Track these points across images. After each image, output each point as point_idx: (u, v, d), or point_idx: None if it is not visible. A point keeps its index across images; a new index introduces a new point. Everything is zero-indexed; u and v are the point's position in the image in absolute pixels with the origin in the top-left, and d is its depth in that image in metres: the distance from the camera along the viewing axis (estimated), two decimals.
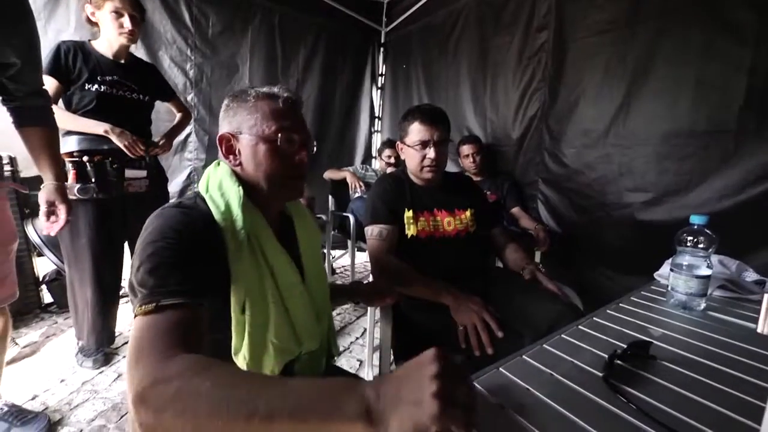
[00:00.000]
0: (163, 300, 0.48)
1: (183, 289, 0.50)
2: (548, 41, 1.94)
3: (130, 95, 1.47)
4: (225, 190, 0.63)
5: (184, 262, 0.53)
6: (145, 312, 0.48)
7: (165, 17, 2.32)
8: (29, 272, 2.01)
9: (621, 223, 1.69)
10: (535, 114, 2.06)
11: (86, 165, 1.39)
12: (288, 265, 0.67)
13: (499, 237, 1.30)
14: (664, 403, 0.46)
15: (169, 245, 0.53)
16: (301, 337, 0.68)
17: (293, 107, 0.68)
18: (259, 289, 0.62)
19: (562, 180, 1.94)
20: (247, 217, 0.62)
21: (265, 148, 0.65)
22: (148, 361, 0.42)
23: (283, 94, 0.67)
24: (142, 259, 0.52)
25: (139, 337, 0.46)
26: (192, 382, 0.38)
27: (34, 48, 1.02)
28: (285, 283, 0.66)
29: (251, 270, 0.61)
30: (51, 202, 1.09)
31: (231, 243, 0.59)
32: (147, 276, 0.51)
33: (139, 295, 0.50)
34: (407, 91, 3.05)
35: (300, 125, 0.68)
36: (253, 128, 0.65)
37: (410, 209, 1.16)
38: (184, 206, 0.61)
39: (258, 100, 0.65)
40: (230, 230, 0.60)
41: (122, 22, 1.38)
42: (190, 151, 2.54)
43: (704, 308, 0.74)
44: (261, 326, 0.62)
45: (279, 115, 0.65)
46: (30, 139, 1.06)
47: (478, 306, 0.94)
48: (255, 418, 0.35)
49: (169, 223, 0.56)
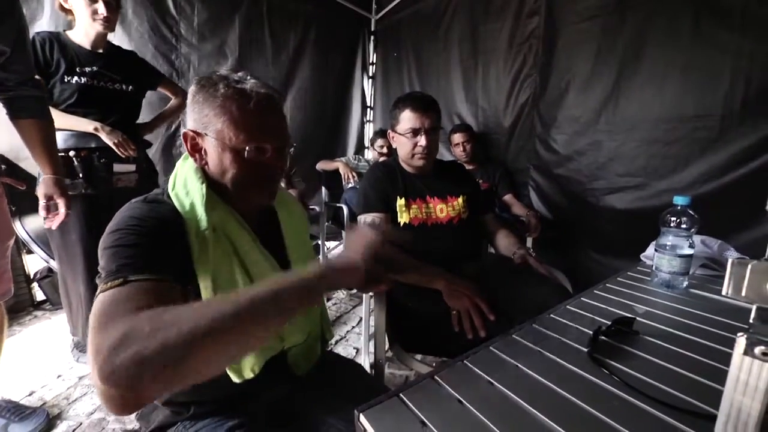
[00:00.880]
0: (131, 276, 0.46)
1: (150, 266, 0.49)
2: (539, 27, 1.94)
3: (113, 86, 1.43)
4: (189, 189, 0.61)
5: (150, 245, 0.52)
6: (111, 286, 0.45)
7: (147, 4, 2.25)
8: (20, 270, 1.99)
9: (610, 207, 1.73)
10: (526, 101, 2.06)
11: (73, 160, 1.37)
12: (261, 258, 0.65)
13: (490, 223, 1.33)
14: (646, 375, 0.49)
15: (132, 231, 0.52)
16: (282, 332, 0.66)
17: (268, 108, 0.61)
18: (230, 286, 0.60)
19: (552, 166, 1.96)
20: (214, 216, 0.60)
21: (231, 157, 0.60)
22: (114, 323, 0.39)
23: (259, 90, 0.59)
24: (106, 244, 0.51)
25: (104, 305, 0.43)
26: (164, 318, 0.37)
27: (23, 35, 1.00)
28: (259, 278, 0.63)
29: (221, 266, 0.60)
30: (50, 196, 1.08)
31: (194, 242, 0.57)
32: (110, 259, 0.49)
33: (102, 273, 0.48)
34: (399, 79, 3.02)
35: (274, 131, 0.62)
36: (220, 133, 0.59)
37: (402, 197, 1.17)
38: (150, 200, 0.60)
39: (226, 99, 0.58)
40: (194, 229, 0.58)
41: (96, 8, 1.32)
42: (178, 146, 2.50)
43: (686, 286, 0.77)
44: None
45: (248, 122, 0.58)
46: (26, 131, 1.05)
47: (470, 290, 0.96)
48: (241, 315, 0.38)
49: (134, 213, 0.55)
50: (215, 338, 0.37)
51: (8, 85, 1.01)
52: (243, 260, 0.62)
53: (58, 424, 1.24)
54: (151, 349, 0.35)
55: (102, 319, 0.41)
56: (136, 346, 0.35)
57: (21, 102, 1.03)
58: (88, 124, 1.36)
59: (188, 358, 0.36)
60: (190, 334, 0.36)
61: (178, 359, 0.35)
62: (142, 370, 0.34)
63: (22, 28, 1.00)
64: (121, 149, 1.40)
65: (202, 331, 0.36)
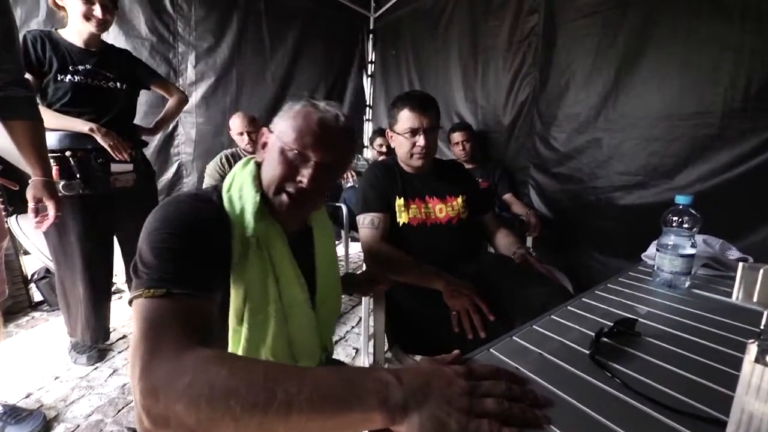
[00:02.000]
0: (174, 288, 0.47)
1: (192, 280, 0.49)
2: (539, 24, 1.93)
3: (106, 84, 1.42)
4: (243, 194, 0.62)
5: (193, 254, 0.52)
6: (154, 295, 0.46)
7: (144, 3, 2.23)
8: (17, 271, 1.98)
9: (610, 206, 1.72)
10: (526, 99, 2.05)
11: (70, 160, 1.35)
12: (295, 280, 0.66)
13: (490, 223, 1.32)
14: (649, 377, 0.48)
15: (178, 233, 0.52)
16: (298, 357, 0.67)
17: (331, 126, 0.63)
18: (262, 299, 0.61)
19: (552, 165, 1.95)
20: (260, 226, 0.61)
21: (276, 151, 0.63)
22: (163, 353, 0.40)
23: (329, 108, 0.64)
24: (152, 240, 0.51)
25: (150, 321, 0.44)
26: (208, 371, 0.37)
27: (11, 34, 0.98)
28: (289, 298, 0.65)
29: (256, 278, 0.60)
30: (38, 199, 1.07)
31: (237, 248, 0.59)
32: (153, 258, 0.49)
33: (143, 276, 0.48)
34: (398, 78, 3.01)
35: (325, 146, 0.62)
36: (282, 132, 0.64)
37: (401, 197, 1.17)
38: (200, 199, 0.61)
39: (301, 109, 0.64)
40: (239, 235, 0.59)
41: (93, 9, 1.31)
42: (176, 145, 2.49)
43: (688, 286, 0.76)
44: (258, 340, 0.62)
45: (304, 127, 0.62)
46: (15, 132, 1.04)
47: (469, 290, 0.96)
48: (272, 406, 0.34)
49: (182, 211, 0.55)
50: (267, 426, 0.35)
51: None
52: (278, 276, 0.63)
53: (56, 426, 1.23)
54: (208, 414, 0.35)
55: (149, 333, 0.42)
56: (196, 404, 0.35)
57: (10, 103, 1.02)
58: (83, 124, 1.35)
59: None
60: (247, 413, 0.34)
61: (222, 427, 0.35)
62: (188, 423, 0.35)
63: (10, 28, 0.98)
64: (116, 152, 1.39)
65: (257, 418, 0.34)
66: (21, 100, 1.03)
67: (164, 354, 0.40)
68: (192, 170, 2.52)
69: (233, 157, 2.13)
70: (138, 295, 0.47)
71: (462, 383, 0.38)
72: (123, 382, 1.45)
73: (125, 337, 1.77)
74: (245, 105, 2.62)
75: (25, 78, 1.06)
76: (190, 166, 2.52)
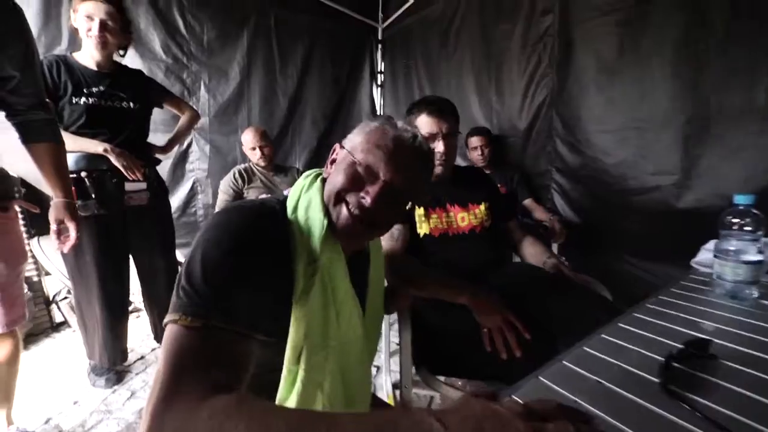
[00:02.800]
0: (215, 320, 0.43)
1: (238, 313, 0.44)
2: (553, 24, 1.88)
3: (120, 104, 1.43)
4: (310, 215, 0.56)
5: (248, 279, 0.47)
6: (190, 325, 0.42)
7: (159, 26, 2.29)
8: (40, 292, 2.00)
9: (645, 208, 1.61)
10: (543, 101, 1.99)
11: (85, 181, 1.36)
12: (355, 312, 0.60)
13: (514, 230, 1.25)
14: (731, 408, 0.41)
15: (237, 250, 0.47)
16: (353, 401, 0.61)
17: (406, 146, 0.59)
18: (321, 336, 0.55)
19: (577, 168, 1.87)
20: (326, 251, 0.55)
21: (344, 163, 0.59)
22: (180, 400, 0.37)
23: (407, 128, 0.61)
24: (203, 255, 0.46)
25: (176, 356, 0.40)
26: (222, 428, 0.33)
27: (32, 59, 1.00)
28: (347, 335, 0.59)
29: (317, 311, 0.54)
30: (60, 220, 1.08)
31: (300, 276, 0.53)
32: (202, 278, 0.44)
33: (185, 298, 0.44)
34: (408, 86, 2.99)
35: (396, 165, 0.57)
36: (354, 147, 0.60)
37: (421, 206, 1.12)
38: (265, 213, 0.55)
39: (379, 126, 0.61)
40: (304, 261, 0.53)
41: (90, 26, 1.32)
42: (191, 162, 2.51)
43: (757, 297, 0.67)
44: (315, 384, 0.55)
45: (378, 144, 0.58)
46: (37, 155, 1.05)
47: (500, 305, 0.89)
48: None
49: (245, 225, 0.50)
50: None
51: (19, 109, 1.01)
52: (338, 311, 0.57)
53: None
54: None
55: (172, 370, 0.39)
56: None
57: (32, 126, 1.04)
58: (97, 145, 1.36)
59: None
60: None
61: None
62: None
63: (31, 53, 1.00)
64: (129, 172, 1.40)
65: None
66: (42, 123, 1.05)
67: (181, 401, 0.36)
68: (206, 186, 2.54)
69: (246, 172, 2.13)
70: (174, 319, 0.43)
71: (521, 427, 0.32)
72: (140, 406, 1.42)
73: (143, 357, 1.75)
74: (257, 120, 2.64)
75: (46, 101, 1.07)
76: (205, 182, 2.54)
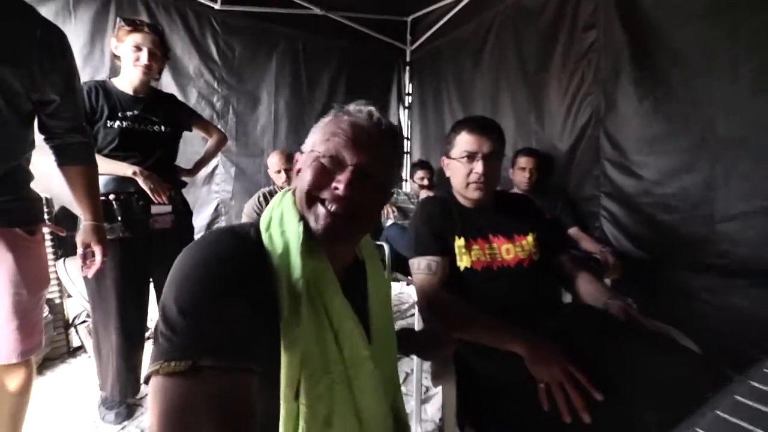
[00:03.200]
0: (202, 359, 0.37)
1: (230, 347, 0.39)
2: (598, 40, 1.81)
3: (151, 128, 1.49)
4: (285, 227, 0.53)
5: (232, 308, 0.41)
6: (175, 371, 0.36)
7: (193, 52, 2.42)
8: (60, 314, 2.02)
9: (731, 238, 1.41)
10: (587, 121, 1.89)
11: (113, 204, 1.38)
12: (355, 330, 0.52)
13: (566, 265, 1.14)
14: None
15: (213, 279, 0.42)
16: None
17: (363, 125, 0.57)
18: (321, 363, 0.48)
19: (633, 193, 1.71)
20: (308, 264, 0.49)
21: (305, 162, 0.57)
22: None
23: (361, 108, 0.58)
24: (177, 292, 0.41)
25: (169, 414, 0.34)
26: None
27: (73, 84, 1.04)
28: (352, 357, 0.51)
29: (311, 334, 0.48)
30: (87, 244, 1.10)
31: (286, 298, 0.46)
32: (179, 317, 0.39)
33: (165, 343, 0.38)
34: (437, 108, 2.98)
35: (359, 147, 0.55)
36: (313, 144, 0.58)
37: (461, 236, 1.03)
38: (238, 235, 0.51)
39: (332, 118, 0.59)
40: (286, 282, 0.47)
41: (139, 55, 1.41)
42: (217, 183, 2.57)
43: None
44: (321, 420, 0.47)
45: (336, 130, 0.56)
46: (70, 177, 1.09)
47: (560, 356, 0.77)
48: None
49: (220, 253, 0.45)
50: None
51: (57, 132, 1.05)
52: (336, 330, 0.50)
53: None
54: None
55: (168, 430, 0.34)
56: None
57: (69, 149, 1.07)
58: (127, 168, 1.40)
59: None
60: None
61: None
62: None
63: (72, 76, 1.03)
64: (156, 195, 1.43)
65: None
66: (79, 146, 1.09)
67: None
68: (230, 208, 2.57)
69: (271, 195, 2.13)
70: (155, 370, 0.36)
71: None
72: None
73: None
74: (283, 144, 2.70)
75: (83, 125, 1.11)
76: (229, 204, 2.58)
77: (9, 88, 0.89)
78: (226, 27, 2.51)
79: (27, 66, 0.91)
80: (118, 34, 1.41)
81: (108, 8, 2.13)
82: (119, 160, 1.41)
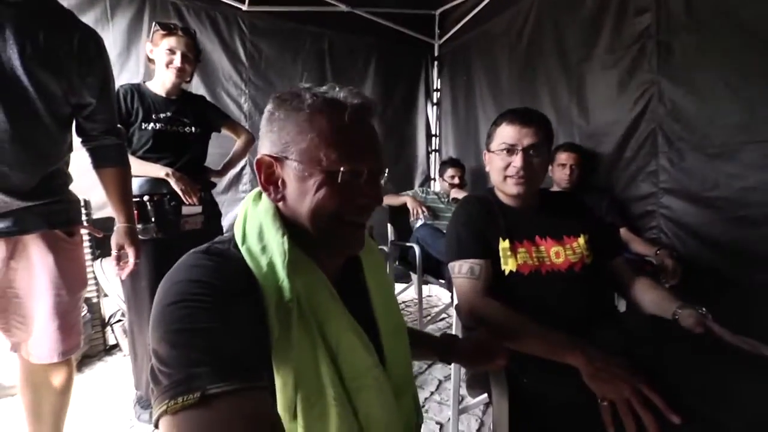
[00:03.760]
0: (211, 387, 0.34)
1: (232, 366, 0.36)
2: (652, 25, 1.69)
3: (183, 129, 1.54)
4: (267, 242, 0.49)
5: (229, 327, 0.39)
6: (185, 406, 0.33)
7: (222, 55, 2.50)
8: (97, 313, 2.12)
9: None
10: (642, 113, 1.76)
11: (147, 205, 1.43)
12: (356, 340, 0.50)
13: (621, 269, 1.06)
14: None
15: (200, 303, 0.40)
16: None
17: (365, 121, 0.52)
18: (316, 386, 0.46)
19: (700, 188, 1.57)
20: (299, 282, 0.47)
21: (318, 184, 0.49)
22: None
23: (353, 101, 0.51)
24: (164, 327, 0.39)
25: None
26: None
27: (108, 86, 1.08)
28: (354, 371, 0.49)
29: (306, 355, 0.46)
30: (121, 246, 1.13)
31: (274, 319, 0.44)
32: (172, 351, 0.37)
33: (165, 380, 0.36)
34: (469, 104, 2.91)
35: (371, 150, 0.52)
36: (305, 153, 0.49)
37: (506, 238, 0.98)
38: (214, 253, 0.48)
39: (314, 112, 0.50)
40: (274, 302, 0.45)
41: (173, 58, 1.46)
42: (244, 183, 2.63)
43: None
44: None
45: (343, 137, 0.49)
46: (105, 179, 1.13)
47: (627, 371, 0.70)
48: None
49: (197, 274, 0.43)
50: None
51: (93, 135, 1.09)
52: (330, 345, 0.48)
53: None
54: None
55: None
56: None
57: (104, 151, 1.11)
58: (159, 169, 1.45)
59: None
60: None
61: None
62: None
63: (107, 79, 1.07)
64: (186, 196, 1.47)
65: None
66: (113, 148, 1.13)
67: None
68: None
69: None
70: (162, 411, 0.34)
71: None
72: None
73: None
74: None
75: (118, 127, 1.15)
76: None
77: (50, 94, 0.93)
78: (254, 28, 2.57)
79: (66, 71, 0.95)
80: (153, 38, 1.47)
81: (142, 14, 2.23)
82: (152, 162, 1.47)
